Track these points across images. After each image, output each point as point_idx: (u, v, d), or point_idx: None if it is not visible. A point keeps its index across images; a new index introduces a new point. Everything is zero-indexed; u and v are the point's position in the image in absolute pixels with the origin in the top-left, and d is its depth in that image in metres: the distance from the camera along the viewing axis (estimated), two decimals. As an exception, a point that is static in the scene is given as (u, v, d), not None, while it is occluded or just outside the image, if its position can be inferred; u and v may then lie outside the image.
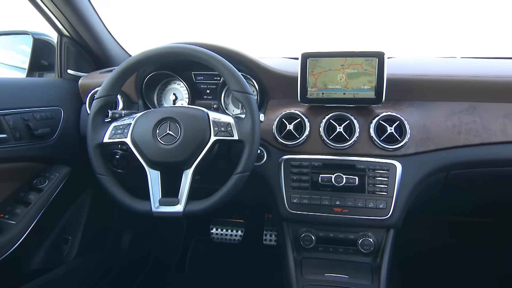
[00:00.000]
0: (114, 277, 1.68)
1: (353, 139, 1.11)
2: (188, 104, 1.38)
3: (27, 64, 1.42)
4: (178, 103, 1.40)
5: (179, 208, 0.96)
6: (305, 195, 1.13)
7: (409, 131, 1.10)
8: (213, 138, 0.98)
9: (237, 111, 1.35)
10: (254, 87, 1.28)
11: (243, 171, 0.96)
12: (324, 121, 1.14)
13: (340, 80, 1.12)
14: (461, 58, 1.49)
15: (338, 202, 1.12)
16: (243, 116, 1.00)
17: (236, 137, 0.98)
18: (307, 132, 1.15)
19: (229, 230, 1.87)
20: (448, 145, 1.10)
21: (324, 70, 1.13)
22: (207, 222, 1.92)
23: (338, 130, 1.12)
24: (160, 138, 0.98)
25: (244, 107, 0.99)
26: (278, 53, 1.55)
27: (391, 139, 1.11)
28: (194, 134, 0.98)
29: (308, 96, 1.15)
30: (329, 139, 1.13)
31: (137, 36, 1.88)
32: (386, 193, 1.10)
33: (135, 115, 1.04)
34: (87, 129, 1.02)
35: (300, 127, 1.16)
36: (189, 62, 1.02)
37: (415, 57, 1.49)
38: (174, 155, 0.97)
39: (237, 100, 1.04)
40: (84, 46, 1.42)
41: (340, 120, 1.14)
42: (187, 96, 1.38)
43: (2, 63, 1.57)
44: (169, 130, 0.99)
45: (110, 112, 1.11)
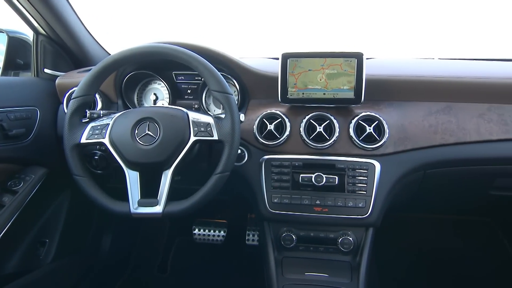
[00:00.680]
0: (94, 280, 1.65)
1: (333, 139, 1.12)
2: (169, 104, 1.36)
3: (2, 63, 1.39)
4: (159, 103, 1.39)
5: (158, 209, 0.95)
6: (286, 195, 1.14)
7: (388, 131, 1.11)
8: (193, 138, 0.97)
9: (218, 111, 1.35)
10: (235, 87, 1.28)
11: (223, 171, 0.96)
12: (305, 121, 1.15)
13: (320, 81, 1.13)
14: (439, 59, 1.52)
15: (318, 202, 1.13)
16: (223, 116, 1.00)
17: (216, 137, 0.98)
18: (288, 132, 1.15)
19: (212, 231, 1.87)
20: (425, 145, 1.13)
21: (304, 71, 1.13)
22: (190, 223, 1.91)
23: (318, 130, 1.13)
24: (139, 139, 0.97)
25: (224, 107, 0.99)
26: (260, 53, 1.55)
27: (370, 139, 1.12)
28: (174, 134, 0.97)
29: (289, 96, 1.15)
30: (310, 139, 1.14)
31: (118, 35, 1.85)
32: (365, 192, 1.11)
33: (114, 115, 1.03)
34: (64, 130, 1.00)
35: (281, 127, 1.17)
36: (170, 62, 1.02)
37: (394, 58, 1.51)
38: (153, 156, 0.96)
39: (217, 100, 1.04)
40: (62, 45, 1.39)
41: (320, 120, 1.15)
42: (168, 96, 1.37)
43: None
44: (148, 130, 0.98)
45: (88, 112, 1.09)
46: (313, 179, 1.11)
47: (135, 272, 1.86)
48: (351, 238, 1.14)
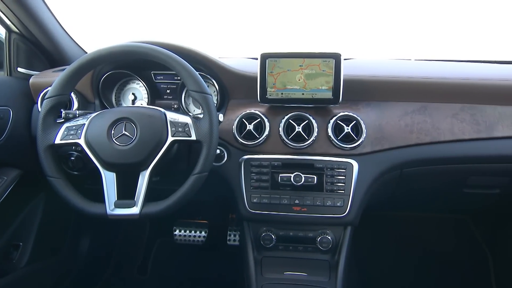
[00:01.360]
0: (71, 283, 1.62)
1: (312, 139, 1.13)
2: (148, 104, 1.35)
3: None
4: (138, 103, 1.37)
5: (135, 210, 0.94)
6: (265, 195, 1.14)
7: (365, 131, 1.13)
8: (171, 139, 0.97)
9: (198, 111, 1.34)
10: (214, 87, 1.27)
11: (201, 172, 0.96)
12: (284, 121, 1.16)
13: (299, 81, 1.14)
14: (415, 61, 1.54)
15: (297, 201, 1.13)
16: (202, 116, 0.99)
17: (194, 138, 0.97)
18: (267, 132, 1.16)
19: (193, 231, 1.85)
20: (401, 144, 1.15)
21: (283, 71, 1.14)
22: (170, 224, 1.89)
23: (297, 130, 1.14)
24: (116, 139, 0.96)
25: (202, 108, 0.98)
26: (239, 53, 1.55)
27: (348, 139, 1.14)
28: (151, 135, 0.96)
29: (268, 96, 1.15)
30: (289, 139, 1.14)
31: (97, 34, 1.82)
32: (344, 191, 1.12)
33: (90, 115, 1.01)
34: (37, 130, 0.98)
35: (260, 127, 1.17)
36: (149, 62, 1.01)
37: (373, 59, 1.53)
38: (130, 156, 0.95)
39: (195, 100, 1.03)
40: (36, 43, 1.36)
41: (299, 120, 1.16)
42: (147, 96, 1.35)
43: None
44: (125, 131, 0.97)
45: (63, 112, 1.07)
46: (292, 179, 1.11)
47: (115, 274, 1.83)
48: (330, 237, 1.15)
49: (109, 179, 0.96)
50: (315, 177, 1.12)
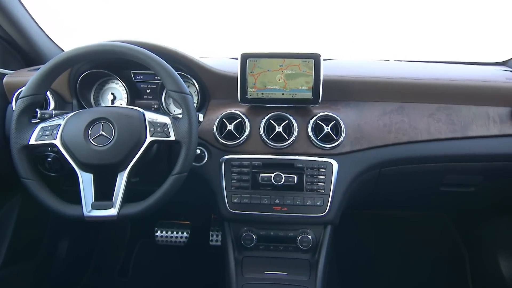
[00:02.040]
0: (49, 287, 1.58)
1: (292, 139, 1.14)
2: (127, 104, 1.33)
3: None
4: (117, 103, 1.35)
5: (113, 212, 0.92)
6: (246, 195, 1.14)
7: (344, 131, 1.14)
8: (149, 139, 0.96)
9: (179, 112, 1.33)
10: (195, 87, 1.27)
11: (180, 172, 0.95)
12: (264, 121, 1.16)
13: (279, 81, 1.14)
14: (394, 61, 1.57)
15: (278, 201, 1.14)
16: (181, 117, 0.99)
17: (173, 138, 0.97)
18: (247, 132, 1.16)
19: (174, 232, 1.84)
20: (380, 144, 1.16)
21: (263, 71, 1.14)
22: (152, 225, 1.87)
23: (277, 130, 1.14)
24: (93, 140, 0.95)
25: (181, 108, 0.98)
26: (220, 53, 1.54)
27: (328, 138, 1.15)
28: (129, 135, 0.95)
29: (248, 97, 1.15)
30: (269, 139, 1.15)
31: (76, 32, 1.79)
32: (323, 191, 1.13)
33: (66, 116, 0.99)
34: (11, 131, 0.95)
35: (241, 127, 1.17)
36: (128, 61, 1.00)
37: (353, 60, 1.55)
38: (108, 157, 0.94)
39: (174, 101, 1.02)
40: (10, 42, 1.32)
41: (280, 120, 1.16)
42: (126, 96, 1.34)
43: None
44: (102, 131, 0.95)
45: (39, 112, 1.05)
46: (272, 179, 1.12)
47: (94, 278, 1.80)
48: (310, 236, 1.15)
49: (86, 180, 0.94)
50: (295, 177, 1.13)
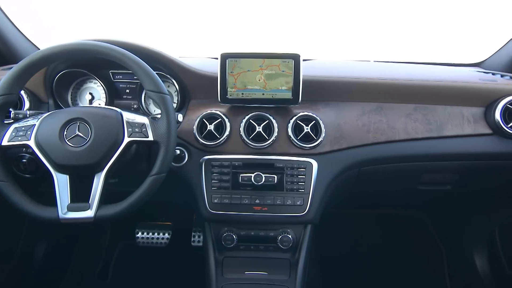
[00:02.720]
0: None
1: (272, 139, 1.14)
2: (106, 104, 1.31)
3: None
4: (95, 103, 1.33)
5: (90, 214, 0.91)
6: (226, 195, 1.14)
7: (324, 131, 1.15)
8: (127, 140, 0.95)
9: (158, 112, 1.31)
10: (175, 87, 1.26)
11: (159, 173, 0.94)
12: (244, 121, 1.16)
13: (259, 81, 1.15)
14: (374, 62, 1.60)
15: (258, 201, 1.14)
16: (160, 117, 0.98)
17: (151, 138, 0.96)
18: (228, 132, 1.16)
19: (156, 234, 1.82)
20: (359, 143, 1.18)
21: (243, 71, 1.14)
22: (133, 226, 1.85)
23: (258, 130, 1.14)
24: (68, 140, 0.93)
25: (160, 108, 0.97)
26: (200, 53, 1.54)
27: (308, 138, 1.15)
28: (106, 136, 0.94)
29: (228, 97, 1.15)
30: (249, 139, 1.15)
31: (53, 31, 1.75)
32: (303, 190, 1.14)
33: (41, 116, 0.97)
34: None
35: (221, 127, 1.17)
36: (106, 60, 0.98)
37: (333, 60, 1.57)
38: (84, 158, 0.92)
39: (153, 101, 1.02)
40: (-18, 40, 1.29)
41: (260, 120, 1.16)
42: (105, 96, 1.31)
43: None
44: (78, 131, 0.94)
45: (13, 112, 1.03)
46: (253, 179, 1.12)
47: (73, 280, 1.76)
48: (291, 236, 1.16)
49: (62, 182, 0.92)
50: (276, 177, 1.13)
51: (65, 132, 0.93)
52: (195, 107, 1.22)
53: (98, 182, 0.93)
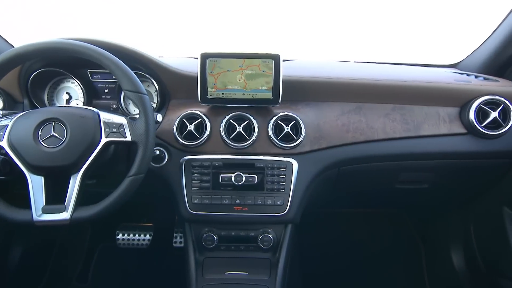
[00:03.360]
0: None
1: (252, 139, 1.14)
2: (84, 104, 1.29)
3: None
4: (73, 103, 1.30)
5: (65, 216, 0.90)
6: (206, 195, 1.14)
7: (304, 130, 1.16)
8: (104, 140, 0.94)
9: (138, 112, 1.30)
10: (155, 87, 1.25)
11: (137, 174, 0.94)
12: (225, 121, 1.16)
13: (239, 81, 1.15)
14: (354, 62, 1.62)
15: (238, 201, 1.14)
16: (138, 117, 0.97)
17: (129, 138, 0.95)
18: (208, 132, 1.15)
19: (137, 235, 1.80)
20: (338, 143, 1.19)
21: (224, 71, 1.14)
22: (113, 228, 1.82)
23: (238, 130, 1.14)
24: (43, 141, 0.91)
25: (138, 108, 0.96)
26: (180, 53, 1.53)
27: (288, 138, 1.16)
28: (82, 136, 0.92)
29: (208, 97, 1.15)
30: (229, 139, 1.15)
31: (29, 29, 1.71)
32: (284, 190, 1.15)
33: (15, 116, 0.95)
34: None
35: (201, 127, 1.16)
36: (84, 59, 0.97)
37: (313, 60, 1.58)
38: (59, 159, 0.91)
39: (131, 100, 1.01)
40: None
41: (240, 120, 1.16)
42: (83, 96, 1.29)
43: None
44: (54, 132, 0.92)
45: None
46: (233, 179, 1.12)
47: (51, 285, 1.72)
48: (271, 236, 1.16)
49: (36, 183, 0.91)
50: (256, 177, 1.13)
51: (40, 133, 0.92)
52: (175, 107, 1.21)
53: (75, 184, 0.92)
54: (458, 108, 1.24)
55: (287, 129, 1.15)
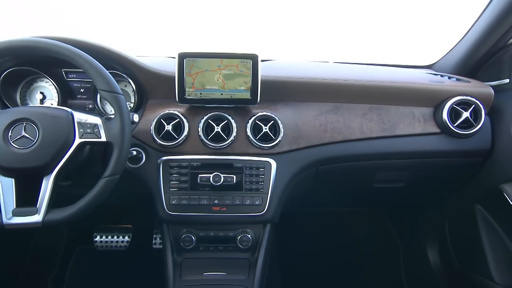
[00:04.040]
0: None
1: (231, 139, 1.14)
2: (59, 104, 1.26)
3: None
4: (47, 103, 1.27)
5: (37, 218, 0.87)
6: (184, 196, 1.13)
7: (282, 130, 1.16)
8: (78, 141, 0.92)
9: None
10: (132, 87, 1.23)
11: (112, 174, 0.92)
12: (203, 121, 1.15)
13: (217, 81, 1.14)
14: (333, 63, 1.63)
15: (217, 201, 1.14)
16: (113, 117, 0.95)
17: (104, 139, 0.93)
18: (186, 133, 1.14)
19: (115, 237, 1.77)
20: (316, 143, 1.20)
21: (201, 71, 1.13)
22: (91, 230, 1.78)
23: (216, 130, 1.14)
24: (13, 142, 0.89)
25: (113, 108, 0.95)
26: (160, 52, 1.51)
27: (267, 138, 1.16)
28: (55, 137, 0.90)
29: (186, 97, 1.14)
30: (208, 139, 1.14)
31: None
32: (262, 190, 1.15)
33: None
34: None
35: (179, 128, 1.16)
36: (57, 58, 0.94)
37: (292, 61, 1.59)
38: (31, 160, 0.88)
39: (105, 100, 0.99)
40: None
41: (218, 120, 1.16)
42: (57, 96, 1.26)
43: None
44: (25, 133, 0.90)
45: None
46: (211, 179, 1.12)
47: None
48: (250, 235, 1.17)
49: (6, 186, 0.88)
50: (234, 177, 1.13)
51: (10, 133, 0.89)
52: (153, 107, 1.20)
53: (47, 185, 0.90)
54: (432, 108, 1.27)
55: (266, 129, 1.16)
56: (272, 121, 1.17)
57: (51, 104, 1.27)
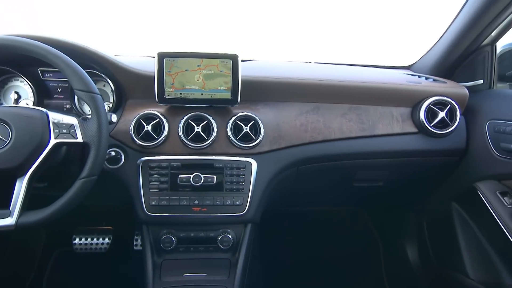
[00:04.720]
0: None
1: (211, 139, 1.14)
2: (34, 104, 1.23)
3: None
4: (22, 103, 1.24)
5: (10, 221, 0.85)
6: (164, 197, 1.12)
7: (263, 130, 1.17)
8: (53, 141, 0.90)
9: (93, 112, 1.26)
10: (110, 87, 1.21)
11: (89, 176, 0.90)
12: (183, 122, 1.14)
13: (198, 81, 1.14)
14: (315, 63, 1.64)
15: (197, 202, 1.13)
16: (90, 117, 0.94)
17: (81, 140, 0.92)
18: (166, 133, 1.13)
19: (95, 239, 1.74)
20: (297, 143, 1.21)
21: (181, 71, 1.12)
22: (70, 232, 1.75)
23: (196, 130, 1.13)
24: None
25: (90, 108, 0.93)
26: (137, 52, 1.50)
27: (247, 138, 1.16)
28: (29, 137, 0.88)
29: (166, 97, 1.13)
30: (188, 139, 1.13)
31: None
32: (243, 190, 1.15)
33: None
34: None
35: (159, 128, 1.14)
36: (32, 57, 0.92)
37: (274, 61, 1.59)
38: (3, 161, 0.86)
39: (82, 100, 0.97)
40: None
41: (199, 120, 1.15)
42: (33, 95, 1.23)
43: None
44: None
45: None
46: (191, 179, 1.11)
47: None
48: (231, 236, 1.16)
49: None
50: (215, 177, 1.13)
51: None
52: (132, 107, 1.19)
53: (21, 187, 0.87)
54: (410, 108, 1.29)
55: (246, 129, 1.16)
56: (253, 121, 1.17)
57: (27, 104, 1.24)
